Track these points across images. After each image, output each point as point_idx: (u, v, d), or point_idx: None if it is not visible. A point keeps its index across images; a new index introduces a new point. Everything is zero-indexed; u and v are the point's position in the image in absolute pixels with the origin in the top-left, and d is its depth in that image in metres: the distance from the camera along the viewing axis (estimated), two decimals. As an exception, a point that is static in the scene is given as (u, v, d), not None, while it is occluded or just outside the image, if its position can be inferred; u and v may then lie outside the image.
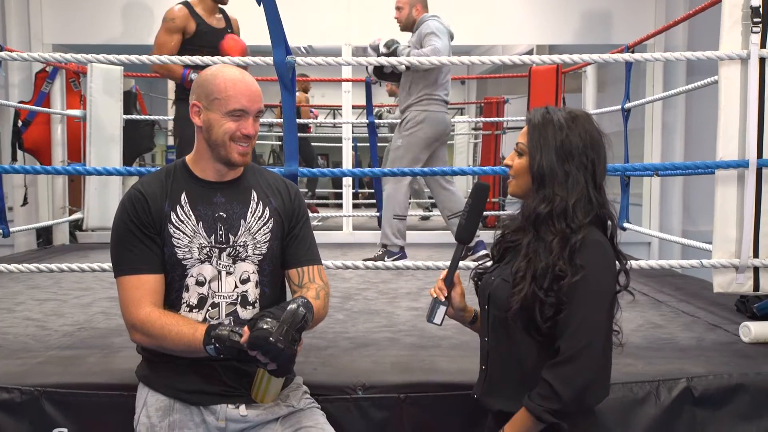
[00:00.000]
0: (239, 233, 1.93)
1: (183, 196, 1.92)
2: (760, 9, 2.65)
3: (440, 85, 4.55)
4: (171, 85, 9.16)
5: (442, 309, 1.87)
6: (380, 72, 4.61)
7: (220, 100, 1.88)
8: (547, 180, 1.73)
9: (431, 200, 7.46)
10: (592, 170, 1.74)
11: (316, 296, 1.93)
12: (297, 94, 7.88)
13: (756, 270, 2.77)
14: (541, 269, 1.68)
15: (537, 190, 1.75)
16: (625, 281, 1.77)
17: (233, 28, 4.23)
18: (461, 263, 2.01)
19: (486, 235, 4.08)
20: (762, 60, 2.68)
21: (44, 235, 6.08)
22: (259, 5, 2.62)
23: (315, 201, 8.64)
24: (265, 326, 1.69)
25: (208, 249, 1.91)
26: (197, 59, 2.92)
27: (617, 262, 1.75)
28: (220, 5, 4.15)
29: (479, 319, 1.92)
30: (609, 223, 1.78)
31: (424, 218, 8.15)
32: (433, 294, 1.88)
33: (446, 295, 1.88)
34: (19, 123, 5.68)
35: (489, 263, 1.94)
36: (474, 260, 4.24)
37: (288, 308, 1.73)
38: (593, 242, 1.70)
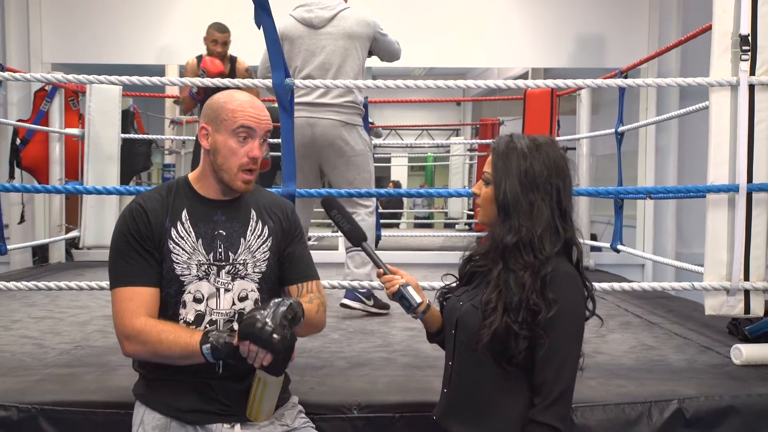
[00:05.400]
0: (239, 251, 1.96)
1: (184, 213, 1.95)
2: (749, 37, 2.70)
3: (297, 88, 3.32)
4: (168, 104, 9.20)
5: (409, 288, 1.90)
6: None
7: (227, 121, 1.91)
8: (512, 210, 1.74)
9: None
10: (557, 197, 1.75)
11: (309, 301, 1.96)
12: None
13: (747, 293, 2.80)
14: (515, 303, 1.69)
15: (503, 220, 1.76)
16: (593, 307, 1.79)
17: (236, 73, 5.35)
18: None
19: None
20: (751, 87, 2.72)
21: (40, 252, 6.08)
22: (259, 28, 2.67)
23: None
24: (254, 313, 1.73)
25: (206, 266, 1.93)
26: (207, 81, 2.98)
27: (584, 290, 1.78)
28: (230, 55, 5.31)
29: (431, 312, 1.94)
30: (575, 249, 1.79)
31: None
32: (394, 289, 1.89)
33: (398, 277, 1.90)
34: (18, 141, 5.70)
35: (455, 284, 1.96)
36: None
37: (273, 301, 1.77)
38: (564, 275, 1.72)
